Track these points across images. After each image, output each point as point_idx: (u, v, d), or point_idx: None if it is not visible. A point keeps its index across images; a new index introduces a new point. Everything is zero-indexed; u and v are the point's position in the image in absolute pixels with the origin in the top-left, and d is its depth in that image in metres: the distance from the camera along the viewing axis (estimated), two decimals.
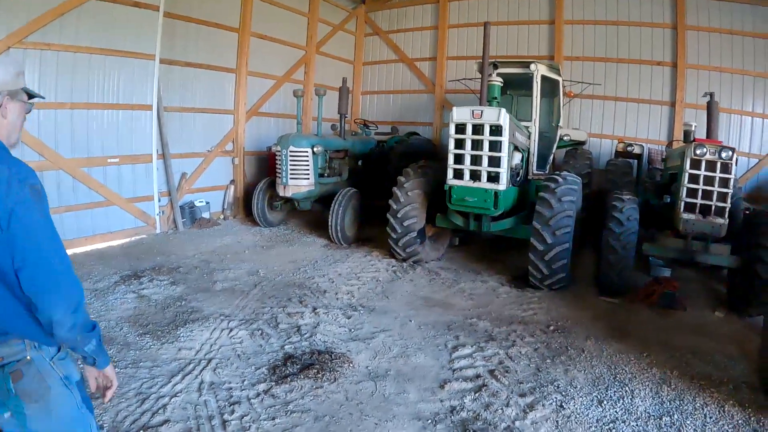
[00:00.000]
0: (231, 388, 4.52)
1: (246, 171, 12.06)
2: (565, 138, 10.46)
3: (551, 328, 6.26)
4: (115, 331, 5.51)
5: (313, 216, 11.42)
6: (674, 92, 12.11)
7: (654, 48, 12.31)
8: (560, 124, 10.12)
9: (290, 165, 9.69)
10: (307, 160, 9.77)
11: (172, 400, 4.26)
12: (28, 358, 2.14)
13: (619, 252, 7.29)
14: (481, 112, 7.25)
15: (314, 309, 6.40)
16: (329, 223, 9.56)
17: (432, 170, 8.66)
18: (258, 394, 4.44)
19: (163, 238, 9.62)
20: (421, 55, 15.00)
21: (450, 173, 7.62)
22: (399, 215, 8.32)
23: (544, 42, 13.29)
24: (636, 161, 11.14)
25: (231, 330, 5.70)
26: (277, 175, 9.98)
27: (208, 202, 11.06)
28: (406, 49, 15.19)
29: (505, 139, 7.24)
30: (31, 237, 2.02)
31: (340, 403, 4.37)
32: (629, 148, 10.82)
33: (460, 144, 7.50)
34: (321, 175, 10.21)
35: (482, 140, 7.32)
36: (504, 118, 7.18)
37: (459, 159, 7.54)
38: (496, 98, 7.76)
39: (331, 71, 14.30)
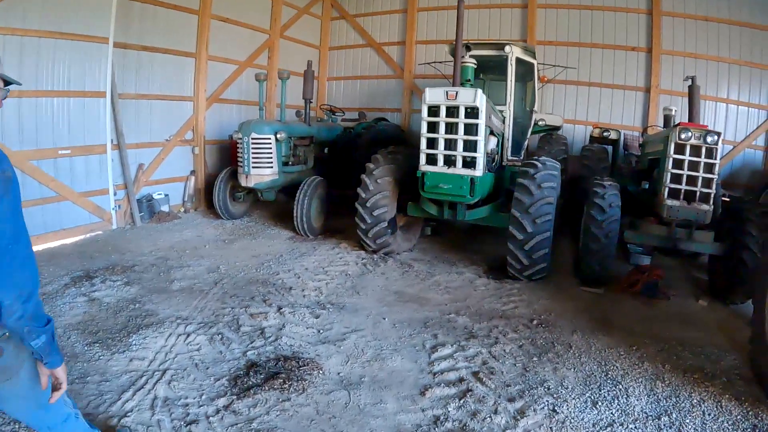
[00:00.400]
0: (188, 404, 4.00)
1: (207, 161, 11.43)
2: (540, 123, 10.12)
3: (534, 322, 5.93)
4: (62, 340, 4.89)
5: (277, 207, 10.88)
6: (649, 78, 11.93)
7: (629, 33, 12.07)
8: (535, 108, 9.76)
9: (252, 153, 9.14)
10: (270, 148, 9.24)
11: (122, 421, 3.74)
12: (7, 334, 2.21)
13: (602, 240, 6.99)
14: (456, 93, 6.81)
15: (279, 308, 5.89)
16: (294, 214, 9.04)
17: (403, 156, 8.20)
18: (218, 411, 3.93)
19: (120, 234, 8.95)
20: (389, 40, 14.46)
21: (423, 159, 7.18)
22: (368, 204, 7.85)
23: (517, 26, 12.91)
24: (612, 147, 10.91)
25: (188, 335, 5.15)
26: (239, 164, 9.42)
27: (167, 195, 10.42)
28: (374, 34, 14.63)
29: (481, 122, 6.83)
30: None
31: (311, 418, 3.89)
32: (605, 134, 10.57)
33: (433, 127, 7.05)
34: (285, 164, 9.68)
35: (457, 123, 6.89)
36: (480, 100, 6.76)
37: (432, 143, 7.11)
38: (469, 81, 7.36)
39: (295, 56, 13.67)
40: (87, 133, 8.66)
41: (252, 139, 9.10)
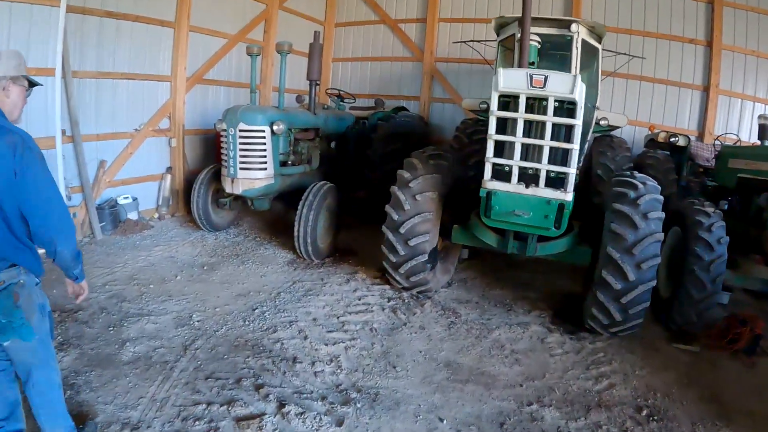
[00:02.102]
0: None
1: (187, 155, 9.32)
2: (602, 123, 8.06)
3: (644, 413, 4.20)
4: None
5: (272, 215, 8.81)
6: (708, 75, 10.13)
7: (686, 23, 10.25)
8: (597, 105, 7.71)
9: (241, 150, 7.08)
10: (264, 143, 7.17)
11: None
12: (22, 281, 2.72)
13: (707, 286, 5.34)
14: (545, 78, 4.80)
15: (280, 404, 3.87)
16: (295, 233, 7.00)
17: (449, 162, 6.16)
18: None
19: None
20: (406, 16, 12.30)
21: (488, 171, 5.17)
22: (402, 230, 5.78)
23: (559, 4, 10.91)
24: (676, 156, 8.95)
25: None
26: (223, 163, 7.34)
27: (135, 199, 8.32)
28: (389, 9, 12.46)
29: (579, 122, 4.85)
30: (41, 190, 2.65)
31: None
32: (672, 139, 8.59)
33: (504, 126, 5.04)
34: (283, 164, 7.62)
35: (543, 123, 4.91)
36: (580, 90, 4.79)
37: (502, 149, 5.11)
38: (533, 64, 5.49)
39: (296, 32, 11.42)
40: (30, 121, 6.50)
41: (240, 131, 7.04)
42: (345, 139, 9.26)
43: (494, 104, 5.00)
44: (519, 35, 5.78)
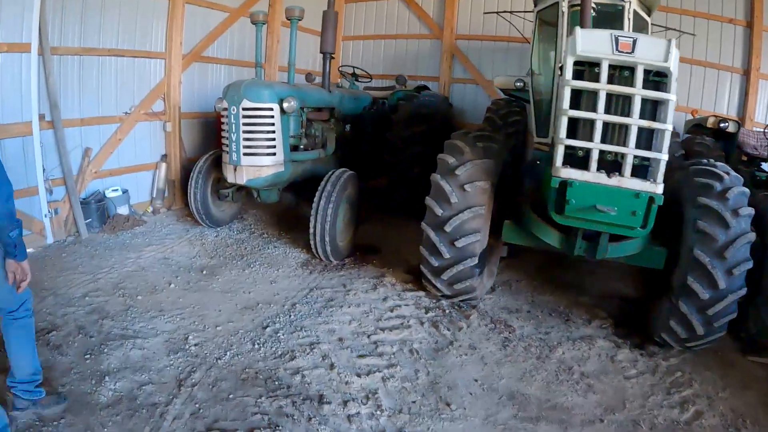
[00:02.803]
0: None
1: (184, 141, 8.25)
2: None
3: None
4: None
5: (280, 207, 7.76)
6: (748, 58, 9.14)
7: (725, 1, 9.23)
8: None
9: (245, 132, 6.02)
10: (272, 124, 6.09)
11: None
12: None
13: None
14: (633, 41, 3.81)
15: None
16: (311, 230, 5.95)
17: (499, 144, 5.14)
18: None
19: (55, 255, 5.85)
20: None
21: (559, 156, 4.10)
22: (448, 228, 4.74)
23: None
24: (724, 143, 7.94)
25: None
26: (224, 148, 6.30)
27: (126, 191, 7.27)
28: None
29: (673, 97, 3.85)
30: None
31: None
32: (722, 125, 7.59)
33: (578, 99, 4.01)
34: (294, 148, 6.54)
35: (630, 98, 3.87)
36: (674, 58, 3.80)
37: (575, 128, 4.06)
38: None
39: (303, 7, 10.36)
40: (4, 105, 5.65)
41: (244, 110, 5.97)
42: (361, 121, 8.19)
43: (568, 71, 3.95)
44: (565, 4, 5.30)
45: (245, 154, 6.04)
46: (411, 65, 11.27)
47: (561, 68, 4.21)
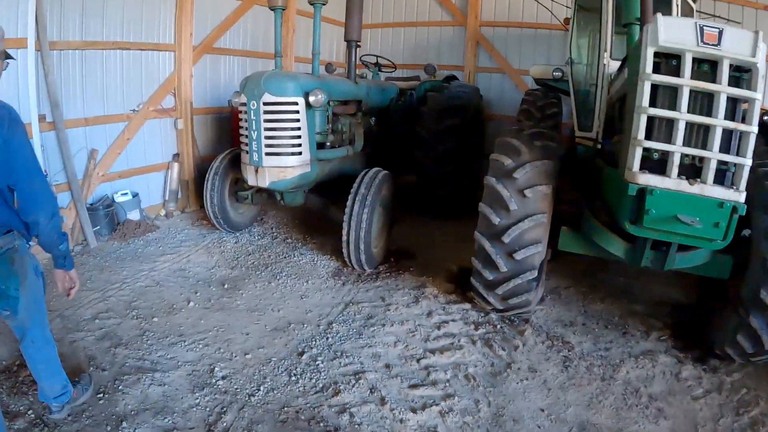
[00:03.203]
0: None
1: (197, 139, 7.68)
2: None
3: None
4: None
5: (303, 208, 7.07)
6: None
7: None
8: None
9: (267, 130, 5.40)
10: (297, 120, 5.46)
11: None
12: (16, 245, 2.73)
13: None
14: (719, 32, 3.25)
15: None
16: (345, 237, 5.36)
17: (557, 143, 4.60)
18: None
19: None
20: None
21: (636, 159, 3.47)
22: (507, 238, 4.14)
23: None
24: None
25: None
26: (243, 148, 5.71)
27: (136, 195, 6.69)
28: None
29: (759, 95, 3.26)
30: (26, 163, 2.59)
31: None
32: (765, 118, 7.02)
33: (654, 96, 3.43)
34: (320, 146, 5.91)
35: (714, 95, 3.30)
36: (762, 52, 3.22)
37: (651, 128, 3.45)
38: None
39: None
40: None
41: (265, 104, 5.34)
42: (388, 114, 7.57)
43: (648, 64, 3.35)
44: None
45: (267, 154, 5.43)
46: (433, 54, 10.58)
47: (598, 57, 4.38)
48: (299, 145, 5.49)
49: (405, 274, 5.60)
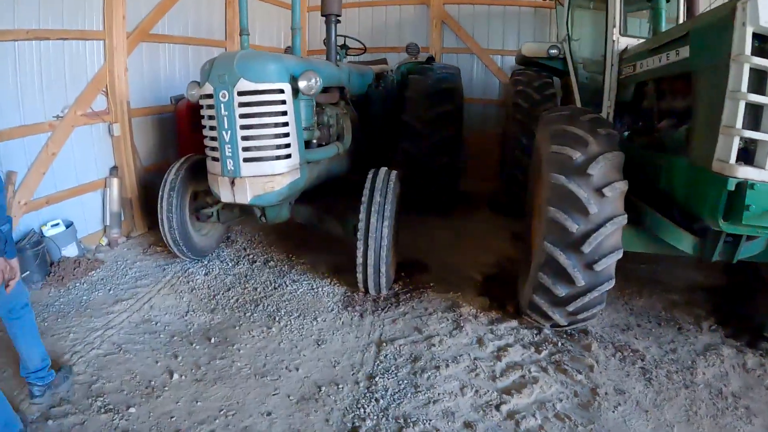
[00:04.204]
0: None
1: (138, 148, 6.21)
2: None
3: None
4: None
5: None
6: None
7: None
8: None
9: (244, 128, 4.08)
10: (285, 113, 4.19)
11: None
12: None
13: None
14: None
15: None
16: (361, 259, 4.22)
17: (615, 130, 3.86)
18: None
19: None
20: None
21: (734, 150, 2.78)
22: (587, 248, 3.35)
23: None
24: None
25: None
26: (208, 154, 4.41)
27: (70, 224, 5.21)
28: None
29: None
30: None
31: None
32: None
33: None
34: (307, 144, 4.62)
35: None
36: None
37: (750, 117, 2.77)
38: None
39: None
40: None
41: (241, 94, 4.02)
42: (367, 102, 6.38)
43: (746, 45, 2.67)
44: None
45: (247, 160, 4.13)
46: (394, 35, 9.45)
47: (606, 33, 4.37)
48: (288, 145, 4.23)
49: (427, 292, 4.61)
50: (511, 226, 6.27)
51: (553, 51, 6.53)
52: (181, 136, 6.59)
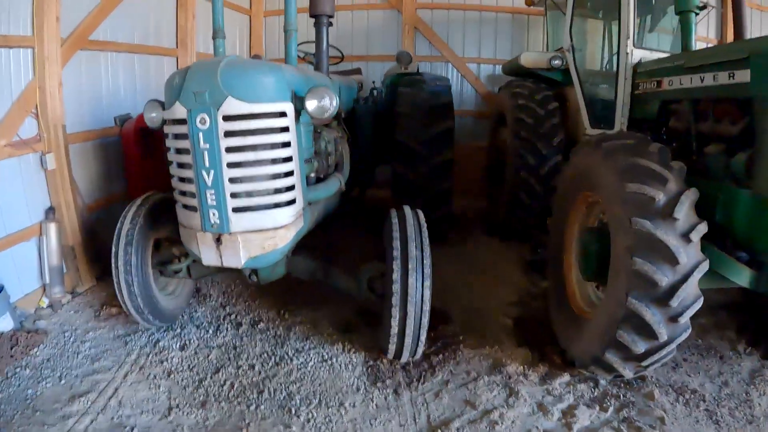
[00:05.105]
0: None
1: (78, 182, 4.96)
2: None
3: None
4: None
5: None
6: None
7: None
8: None
9: (232, 166, 3.01)
10: (288, 143, 3.15)
11: None
12: None
13: None
14: None
15: None
16: (396, 328, 3.23)
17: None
18: None
19: None
20: None
21: None
22: (675, 301, 2.81)
23: None
24: None
25: None
26: (179, 200, 3.34)
27: (1, 288, 3.96)
28: None
29: None
30: None
31: None
32: None
33: None
34: (307, 179, 3.57)
35: None
36: None
37: None
38: None
39: None
40: None
41: (227, 120, 2.94)
42: (353, 119, 5.40)
43: None
44: None
45: (238, 210, 3.07)
46: (361, 42, 8.54)
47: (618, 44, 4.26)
48: (291, 187, 3.21)
49: (460, 349, 3.83)
50: (515, 251, 5.81)
51: (556, 62, 6.04)
52: (129, 165, 5.42)
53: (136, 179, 5.34)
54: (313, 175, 3.71)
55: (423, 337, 3.31)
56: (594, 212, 3.85)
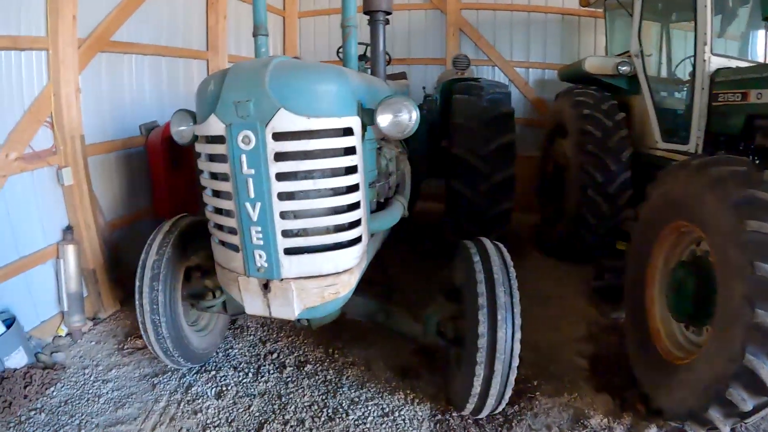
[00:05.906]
0: None
1: (99, 196, 4.38)
2: None
3: None
4: None
5: None
6: None
7: None
8: None
9: (283, 196, 2.35)
10: (354, 167, 2.48)
11: None
12: None
13: None
14: None
15: None
16: (480, 384, 2.63)
17: None
18: None
19: None
20: None
21: None
22: None
23: None
24: None
25: None
26: (216, 234, 2.68)
27: (12, 318, 3.40)
28: None
29: None
30: None
31: None
32: None
33: None
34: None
35: None
36: None
37: None
38: None
39: None
40: None
41: (278, 137, 2.29)
42: None
43: None
44: None
45: (291, 252, 2.44)
46: (403, 44, 7.96)
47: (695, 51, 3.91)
48: (357, 222, 2.55)
49: (538, 398, 3.30)
50: (575, 275, 5.22)
51: (625, 68, 5.39)
52: (156, 178, 4.83)
53: (164, 193, 4.77)
54: (375, 200, 3.07)
55: (508, 396, 2.74)
56: (684, 242, 3.28)
